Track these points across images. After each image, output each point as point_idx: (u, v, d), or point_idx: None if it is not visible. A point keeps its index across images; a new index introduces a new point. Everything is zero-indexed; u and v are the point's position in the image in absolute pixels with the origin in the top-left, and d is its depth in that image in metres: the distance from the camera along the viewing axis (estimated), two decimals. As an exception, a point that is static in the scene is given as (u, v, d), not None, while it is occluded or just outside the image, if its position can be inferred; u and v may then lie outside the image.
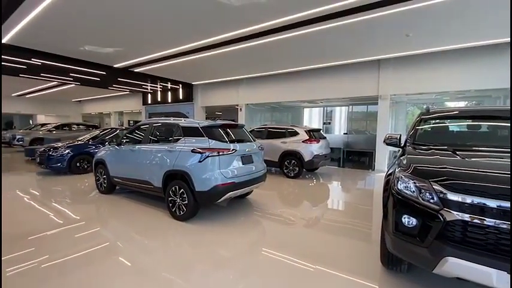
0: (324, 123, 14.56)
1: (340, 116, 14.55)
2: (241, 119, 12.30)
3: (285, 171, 7.55)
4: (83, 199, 5.37)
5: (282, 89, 11.01)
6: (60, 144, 8.18)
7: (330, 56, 8.17)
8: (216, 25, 5.84)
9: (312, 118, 15.37)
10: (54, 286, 2.41)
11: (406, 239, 2.09)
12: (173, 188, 4.09)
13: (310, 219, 4.50)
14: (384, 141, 3.42)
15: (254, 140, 4.87)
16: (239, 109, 12.53)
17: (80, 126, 15.11)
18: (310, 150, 7.24)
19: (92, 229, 3.84)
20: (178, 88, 13.98)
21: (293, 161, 7.40)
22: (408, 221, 2.09)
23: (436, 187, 1.99)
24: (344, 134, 12.59)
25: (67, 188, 6.28)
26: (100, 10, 5.19)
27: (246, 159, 4.36)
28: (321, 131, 8.56)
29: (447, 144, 2.79)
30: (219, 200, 4.03)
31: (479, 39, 6.44)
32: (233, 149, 4.11)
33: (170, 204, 4.16)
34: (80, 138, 8.87)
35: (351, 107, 12.76)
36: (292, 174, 7.43)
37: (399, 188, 2.23)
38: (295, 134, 7.57)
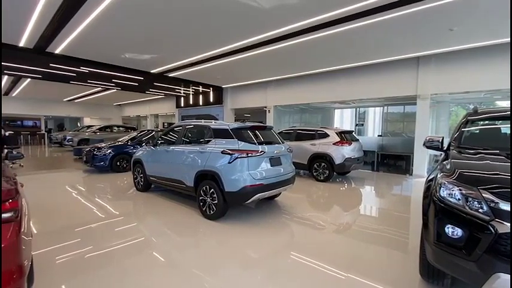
0: (356, 125, 13.96)
1: (374, 117, 13.85)
2: (270, 121, 12.31)
3: (315, 174, 7.38)
4: (122, 196, 5.77)
5: (312, 90, 10.80)
6: (103, 144, 8.92)
7: (363, 55, 7.83)
8: (246, 29, 5.93)
9: (343, 119, 14.84)
10: (96, 275, 2.61)
11: (449, 250, 1.91)
12: (204, 187, 4.22)
13: (341, 224, 4.33)
14: (424, 144, 3.18)
15: (283, 142, 4.83)
16: (267, 111, 12.55)
17: (120, 128, 16.34)
18: (342, 153, 6.99)
19: (129, 224, 4.11)
20: (209, 91, 14.44)
21: (323, 164, 7.20)
22: (452, 231, 1.91)
23: (486, 195, 1.79)
24: (378, 136, 11.95)
25: (108, 185, 6.80)
26: (139, 22, 5.58)
27: (275, 161, 4.34)
28: (353, 133, 8.22)
29: (499, 148, 2.51)
30: (248, 201, 4.06)
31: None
32: (261, 151, 4.12)
33: (201, 203, 4.29)
34: (120, 139, 9.57)
35: (386, 107, 12.07)
36: (321, 178, 7.23)
37: (442, 195, 2.04)
38: (326, 136, 7.36)
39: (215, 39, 6.65)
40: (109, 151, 8.24)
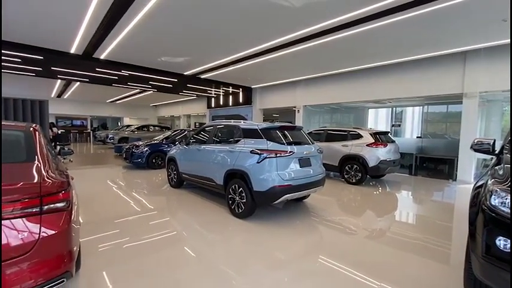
0: (392, 126, 13.14)
1: (413, 117, 12.93)
2: (299, 121, 12.12)
3: (346, 176, 7.10)
4: (157, 191, 6.11)
5: (343, 89, 10.41)
6: (140, 143, 9.52)
7: (401, 51, 7.34)
8: (276, 29, 5.90)
9: (377, 120, 14.07)
10: (133, 265, 2.79)
11: (500, 265, 1.71)
12: (233, 186, 4.29)
13: (373, 230, 4.11)
14: (472, 147, 2.89)
15: (312, 143, 4.73)
16: (297, 111, 12.38)
17: (156, 128, 17.34)
18: (376, 155, 6.63)
19: (163, 218, 4.33)
20: (239, 92, 14.66)
21: (355, 166, 6.90)
22: (504, 244, 1.71)
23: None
24: (417, 137, 11.14)
25: (144, 180, 7.24)
26: (174, 27, 5.85)
27: (304, 162, 4.26)
28: (389, 134, 7.76)
29: None
30: (276, 202, 4.04)
31: None
32: (290, 151, 4.07)
33: (230, 202, 4.37)
34: (155, 138, 10.15)
35: (426, 107, 11.22)
36: (353, 180, 6.93)
37: (493, 203, 1.84)
38: (359, 136, 7.05)
39: (246, 40, 6.73)
40: (146, 149, 8.78)
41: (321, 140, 7.56)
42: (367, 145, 6.77)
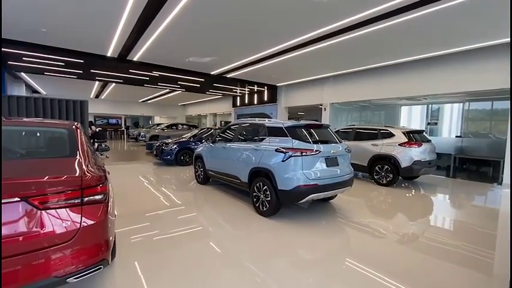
0: (428, 124, 12.25)
1: (451, 115, 11.94)
2: (325, 119, 11.81)
3: (376, 177, 6.77)
4: (184, 187, 6.33)
5: (375, 85, 9.93)
6: (169, 140, 9.93)
7: (439, 44, 6.79)
8: (304, 24, 5.78)
9: (411, 118, 13.22)
10: (161, 256, 2.92)
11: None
12: (257, 184, 4.30)
13: (405, 234, 3.88)
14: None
15: (340, 142, 4.58)
16: (323, 109, 12.07)
17: (184, 126, 17.97)
18: (409, 155, 6.25)
19: (190, 213, 4.48)
20: (264, 90, 14.66)
21: (386, 167, 6.56)
22: None
23: None
24: (457, 137, 10.30)
25: (173, 176, 7.54)
26: (201, 28, 6.00)
27: (331, 161, 4.14)
28: (424, 133, 7.26)
29: None
30: (301, 201, 3.98)
31: None
32: (317, 150, 3.98)
33: (254, 199, 4.39)
34: (183, 136, 10.52)
35: (467, 103, 10.31)
36: (384, 182, 6.60)
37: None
38: (390, 135, 6.68)
39: (273, 38, 6.68)
40: (174, 146, 9.14)
41: (349, 139, 7.29)
42: (399, 144, 6.39)
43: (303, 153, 3.88)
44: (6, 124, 2.62)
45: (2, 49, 7.90)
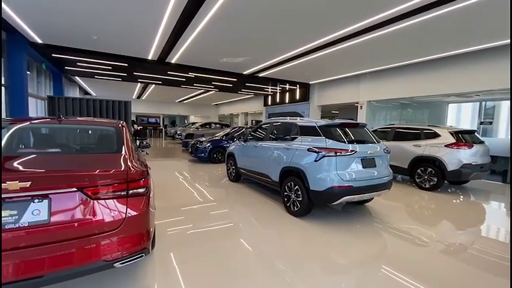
0: (480, 123, 10.99)
1: (509, 113, 10.57)
2: (361, 118, 11.26)
3: (418, 180, 6.28)
4: (217, 184, 6.52)
5: (417, 81, 9.19)
6: (204, 139, 10.31)
7: (500, 32, 6.00)
8: (342, 18, 5.55)
9: (460, 116, 11.98)
10: (195, 250, 3.05)
11: None
12: (289, 184, 4.26)
13: (451, 244, 3.54)
14: None
15: (378, 142, 4.33)
16: (359, 107, 11.52)
17: (217, 125, 18.52)
18: (458, 158, 5.68)
19: (221, 210, 4.60)
20: (296, 88, 14.46)
21: (429, 170, 6.05)
22: None
23: None
24: (515, 138, 9.08)
25: (206, 173, 7.82)
26: (235, 28, 6.10)
27: (368, 162, 3.94)
28: (476, 134, 6.54)
29: None
30: (334, 203, 3.86)
31: None
32: (352, 150, 3.81)
33: (285, 199, 4.36)
34: (216, 135, 10.85)
35: (530, 100, 9.03)
36: (427, 186, 6.09)
37: None
38: (435, 135, 6.14)
39: (307, 34, 6.54)
40: (208, 144, 9.47)
41: (388, 139, 6.86)
42: (445, 146, 5.84)
43: (337, 153, 3.74)
44: (64, 123, 2.96)
45: (61, 56, 8.90)
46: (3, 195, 1.63)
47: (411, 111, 13.09)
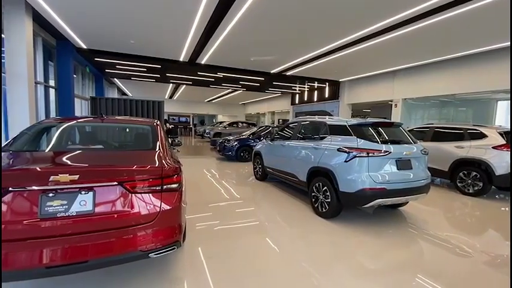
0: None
1: None
2: (396, 117, 10.65)
3: (460, 185, 5.78)
4: (243, 182, 6.60)
5: (460, 76, 8.46)
6: (231, 137, 10.50)
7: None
8: (374, 13, 5.32)
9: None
10: (222, 246, 3.11)
11: None
12: (317, 184, 4.18)
13: (498, 256, 3.20)
14: None
15: (415, 142, 4.06)
16: (393, 105, 10.90)
17: (244, 124, 18.73)
18: (508, 161, 5.12)
19: (248, 207, 4.64)
20: (325, 86, 14.11)
21: (474, 173, 5.53)
22: None
23: None
24: None
25: (234, 171, 7.95)
26: (264, 27, 6.12)
27: (403, 164, 3.72)
28: (530, 134, 5.84)
29: None
30: (365, 205, 3.69)
31: None
32: (386, 151, 3.62)
33: (313, 200, 4.28)
34: (243, 134, 10.98)
35: None
36: (470, 191, 5.58)
37: None
38: (481, 136, 5.59)
39: (340, 30, 6.36)
40: (235, 143, 9.62)
41: (426, 139, 6.40)
42: (493, 147, 5.30)
43: (370, 154, 3.58)
44: (105, 122, 3.20)
45: (102, 59, 9.64)
46: (55, 187, 1.81)
47: (452, 109, 12.08)
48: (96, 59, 9.52)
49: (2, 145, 2.40)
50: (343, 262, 2.87)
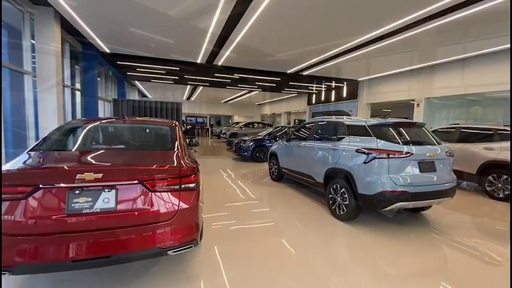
0: None
1: None
2: (418, 117, 10.21)
3: (489, 189, 5.44)
4: (259, 182, 6.60)
5: (489, 73, 7.96)
6: (247, 138, 10.55)
7: None
8: (394, 10, 5.14)
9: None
10: (237, 246, 3.13)
11: None
12: (334, 186, 4.09)
13: (535, 266, 2.98)
14: None
15: (439, 143, 3.88)
16: (416, 105, 10.46)
17: (259, 125, 18.77)
18: (542, 164, 4.77)
19: (263, 208, 4.64)
20: (342, 86, 13.81)
21: (505, 177, 5.19)
22: None
23: None
24: None
25: (249, 172, 7.97)
26: (281, 26, 6.09)
27: (426, 166, 3.56)
28: None
29: None
30: (385, 209, 3.56)
31: None
32: (408, 152, 3.48)
33: (330, 201, 4.19)
34: (259, 134, 10.99)
35: None
36: (501, 195, 5.23)
37: None
38: (512, 137, 5.24)
39: (358, 28, 6.20)
40: (251, 144, 9.65)
41: (451, 141, 6.08)
42: (527, 149, 4.94)
43: (390, 155, 3.46)
44: (127, 122, 3.32)
45: (124, 63, 10.02)
46: (81, 184, 1.90)
47: (480, 108, 11.40)
48: (118, 62, 9.92)
49: (33, 145, 2.56)
50: (362, 266, 2.79)
